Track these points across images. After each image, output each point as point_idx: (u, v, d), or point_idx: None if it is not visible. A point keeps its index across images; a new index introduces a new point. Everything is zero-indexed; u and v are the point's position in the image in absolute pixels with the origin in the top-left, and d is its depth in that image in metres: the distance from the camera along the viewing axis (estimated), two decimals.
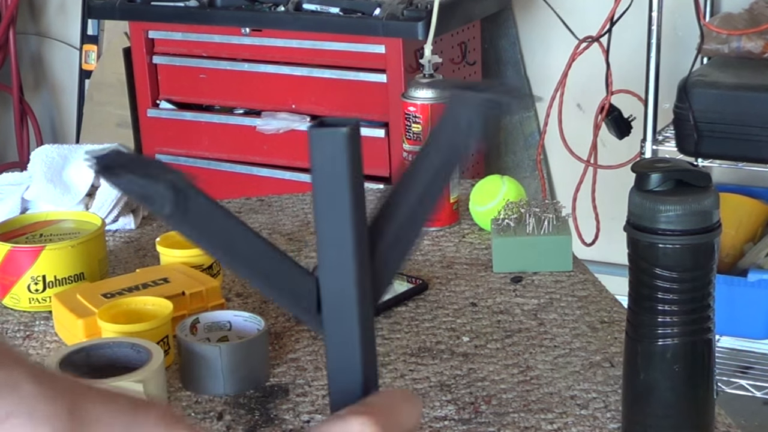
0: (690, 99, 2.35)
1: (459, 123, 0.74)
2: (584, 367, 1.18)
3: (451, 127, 0.74)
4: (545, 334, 1.26)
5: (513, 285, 1.38)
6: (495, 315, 1.31)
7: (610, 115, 2.60)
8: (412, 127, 1.53)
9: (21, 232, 1.39)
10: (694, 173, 0.95)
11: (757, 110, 2.33)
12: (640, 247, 0.95)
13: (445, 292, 1.37)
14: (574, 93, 2.76)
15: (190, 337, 1.17)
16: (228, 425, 1.09)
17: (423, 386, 1.15)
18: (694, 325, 0.96)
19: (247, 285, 1.40)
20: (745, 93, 2.36)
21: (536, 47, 3.06)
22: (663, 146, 2.52)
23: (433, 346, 1.24)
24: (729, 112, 2.34)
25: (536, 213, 1.41)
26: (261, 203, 1.71)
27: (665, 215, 0.93)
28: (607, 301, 1.33)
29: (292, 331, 1.28)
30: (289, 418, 1.10)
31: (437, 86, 0.77)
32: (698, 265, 0.95)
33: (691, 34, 2.59)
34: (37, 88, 3.73)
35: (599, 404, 1.11)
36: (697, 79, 2.40)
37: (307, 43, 2.71)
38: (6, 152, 3.79)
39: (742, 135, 2.35)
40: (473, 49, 2.89)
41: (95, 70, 3.37)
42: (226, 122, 2.89)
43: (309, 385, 1.16)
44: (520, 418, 1.09)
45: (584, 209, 2.69)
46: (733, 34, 2.48)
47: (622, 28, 2.54)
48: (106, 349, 1.14)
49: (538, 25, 3.03)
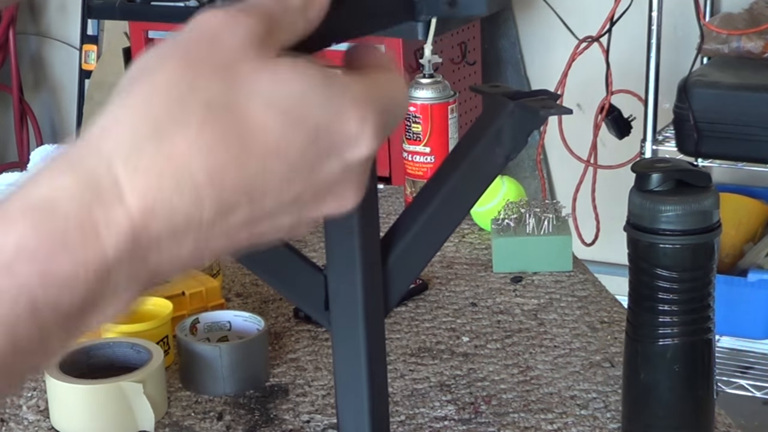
0: (690, 99, 2.35)
1: (489, 132, 0.73)
2: (584, 367, 1.18)
3: (482, 136, 0.74)
4: (545, 334, 1.26)
5: (513, 285, 1.38)
6: (495, 315, 1.31)
7: (610, 115, 2.60)
8: (411, 127, 1.53)
9: None
10: (694, 173, 0.95)
11: (757, 110, 2.33)
12: (640, 247, 0.95)
13: (445, 292, 1.37)
14: (574, 93, 2.75)
15: (190, 337, 1.17)
16: (228, 425, 1.09)
17: (423, 386, 1.15)
18: (694, 325, 0.96)
19: (247, 285, 1.40)
20: (745, 93, 2.36)
21: (536, 47, 3.06)
22: (663, 146, 2.52)
23: (433, 346, 1.24)
24: (729, 112, 2.34)
25: (536, 213, 1.41)
26: None
27: (665, 215, 0.93)
28: (607, 301, 1.33)
29: (292, 331, 1.28)
30: (289, 418, 1.10)
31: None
32: (698, 265, 0.95)
33: (691, 34, 2.59)
34: (37, 88, 3.73)
35: (599, 404, 1.11)
36: (697, 79, 2.40)
37: None
38: (6, 152, 3.79)
39: (742, 135, 2.35)
40: (473, 49, 2.89)
41: (95, 70, 3.37)
42: None
43: (309, 385, 1.16)
44: (520, 418, 1.09)
45: (584, 209, 2.69)
46: (733, 34, 2.48)
47: (622, 28, 2.53)
48: (106, 349, 1.14)
49: (538, 25, 3.03)
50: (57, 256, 0.47)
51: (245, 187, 0.50)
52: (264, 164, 0.50)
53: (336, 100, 0.52)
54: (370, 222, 0.72)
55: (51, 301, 0.47)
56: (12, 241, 0.47)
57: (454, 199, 0.74)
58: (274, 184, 0.51)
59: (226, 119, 0.49)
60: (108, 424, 1.07)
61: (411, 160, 1.55)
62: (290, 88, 0.51)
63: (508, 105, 0.71)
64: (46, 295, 0.47)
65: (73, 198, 0.48)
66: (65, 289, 0.48)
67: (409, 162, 1.55)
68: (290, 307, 1.33)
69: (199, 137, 0.49)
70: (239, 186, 0.50)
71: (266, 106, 0.50)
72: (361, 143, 0.52)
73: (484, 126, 0.73)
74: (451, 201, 0.74)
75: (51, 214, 0.47)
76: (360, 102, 0.52)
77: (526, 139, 0.71)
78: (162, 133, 0.49)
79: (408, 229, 0.75)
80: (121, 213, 0.48)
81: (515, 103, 0.71)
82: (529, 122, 0.70)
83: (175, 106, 0.49)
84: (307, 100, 0.51)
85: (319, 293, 0.75)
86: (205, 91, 0.49)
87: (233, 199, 0.50)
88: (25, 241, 0.47)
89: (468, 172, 0.73)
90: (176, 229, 0.49)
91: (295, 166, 0.51)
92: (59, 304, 0.48)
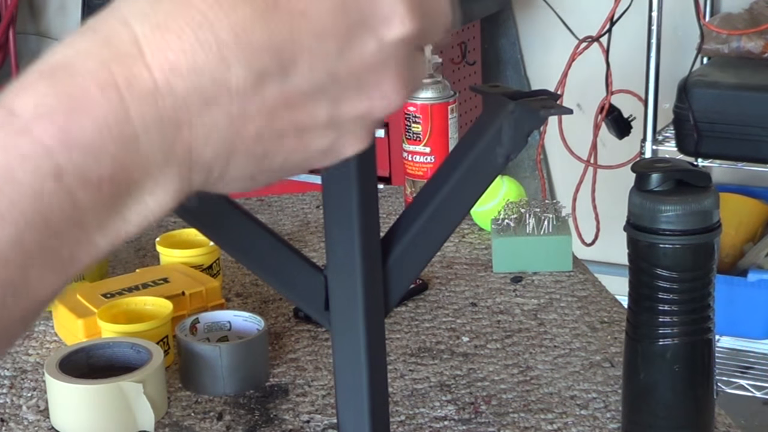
0: (690, 99, 2.35)
1: (489, 132, 0.73)
2: (584, 367, 1.18)
3: (482, 135, 0.73)
4: (545, 334, 1.26)
5: (513, 285, 1.38)
6: (495, 315, 1.31)
7: (610, 115, 2.60)
8: (411, 127, 1.53)
9: None
10: (694, 173, 0.95)
11: (757, 110, 2.33)
12: (640, 247, 0.95)
13: (445, 292, 1.37)
14: (574, 93, 2.76)
15: (190, 337, 1.17)
16: (228, 425, 1.09)
17: (423, 386, 1.15)
18: (694, 325, 0.96)
19: (247, 285, 1.40)
20: (745, 93, 2.36)
21: (536, 47, 3.06)
22: (663, 146, 2.52)
23: (433, 346, 1.24)
24: (729, 112, 2.34)
25: (536, 213, 1.41)
26: (261, 203, 1.71)
27: (665, 215, 0.93)
28: (607, 301, 1.33)
29: (292, 331, 1.28)
30: (288, 418, 1.10)
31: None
32: (698, 265, 0.95)
33: (691, 34, 2.59)
34: None
35: (599, 404, 1.11)
36: (697, 79, 2.40)
37: None
38: None
39: (742, 135, 2.35)
40: (473, 48, 2.89)
41: None
42: None
43: (309, 385, 1.16)
44: (520, 418, 1.09)
45: (584, 209, 2.69)
46: (733, 34, 2.48)
47: (622, 28, 2.53)
48: (106, 349, 1.14)
49: (538, 25, 3.03)
50: (77, 116, 0.44)
51: (273, 47, 0.47)
52: (291, 24, 0.47)
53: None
54: (370, 222, 0.72)
55: (77, 168, 0.44)
56: (30, 101, 0.44)
57: (454, 199, 0.74)
58: (303, 48, 0.48)
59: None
60: (108, 424, 1.07)
61: (411, 160, 1.55)
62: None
63: (508, 105, 0.71)
64: (71, 159, 0.44)
65: (90, 56, 0.45)
66: (90, 155, 0.44)
67: (409, 162, 1.55)
68: (290, 307, 1.33)
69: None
70: (266, 45, 0.47)
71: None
72: (394, 21, 0.50)
73: (484, 126, 0.73)
74: (451, 201, 0.74)
75: (68, 73, 0.45)
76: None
77: (526, 139, 0.71)
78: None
79: (408, 229, 0.75)
80: (142, 70, 0.45)
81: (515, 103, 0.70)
82: (530, 122, 0.70)
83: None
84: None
85: (319, 293, 0.75)
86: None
87: (261, 62, 0.47)
88: (42, 99, 0.44)
89: (468, 172, 0.73)
90: (204, 93, 0.46)
91: (325, 32, 0.48)
92: (86, 173, 0.44)
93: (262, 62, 0.47)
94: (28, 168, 0.43)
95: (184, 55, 0.46)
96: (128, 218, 0.47)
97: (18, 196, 0.43)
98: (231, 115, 0.47)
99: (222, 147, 0.48)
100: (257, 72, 0.47)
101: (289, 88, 0.48)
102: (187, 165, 0.47)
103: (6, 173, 0.43)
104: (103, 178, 0.45)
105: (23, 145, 0.44)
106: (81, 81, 0.45)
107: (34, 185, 0.43)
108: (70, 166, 0.44)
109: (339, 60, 0.49)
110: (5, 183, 0.43)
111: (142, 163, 0.46)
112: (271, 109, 0.48)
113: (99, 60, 0.45)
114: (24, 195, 0.43)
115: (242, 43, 0.46)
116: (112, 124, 0.45)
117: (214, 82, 0.46)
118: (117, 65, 0.45)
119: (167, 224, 1.48)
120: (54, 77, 0.45)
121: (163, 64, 0.45)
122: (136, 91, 0.45)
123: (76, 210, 0.45)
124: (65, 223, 0.45)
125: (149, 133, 0.45)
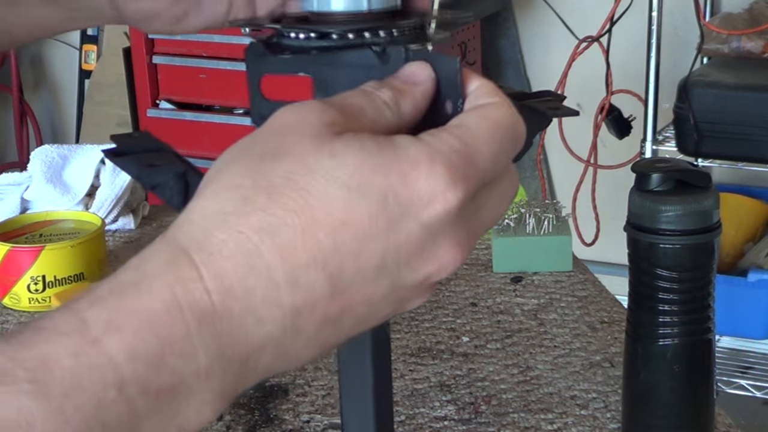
0: (690, 99, 2.35)
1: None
2: (584, 367, 1.18)
3: None
4: (545, 334, 1.26)
5: (513, 285, 1.38)
6: (495, 315, 1.31)
7: (610, 115, 2.60)
8: None
9: (21, 232, 1.39)
10: (694, 173, 0.95)
11: (757, 110, 2.33)
12: (640, 247, 0.95)
13: (445, 292, 1.37)
14: (574, 93, 2.76)
15: None
16: (228, 425, 1.09)
17: (423, 386, 1.15)
18: (694, 325, 0.96)
19: None
20: (745, 93, 2.36)
21: (536, 47, 3.06)
22: (663, 146, 2.52)
23: (433, 346, 1.24)
24: (729, 112, 2.34)
25: (536, 213, 1.41)
26: None
27: (665, 215, 0.93)
28: (607, 301, 1.33)
29: None
30: (288, 418, 1.10)
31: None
32: (698, 265, 0.95)
33: (691, 34, 2.59)
34: (37, 88, 3.73)
35: (599, 404, 1.11)
36: (697, 79, 2.41)
37: None
38: (6, 152, 3.79)
39: (742, 135, 2.35)
40: (473, 48, 2.90)
41: (95, 70, 3.37)
42: (226, 122, 2.89)
43: (309, 385, 1.16)
44: (520, 418, 1.09)
45: (584, 209, 2.69)
46: (733, 34, 2.48)
47: (622, 28, 2.54)
48: None
49: (538, 25, 3.03)
50: (143, 333, 0.49)
51: (318, 262, 0.51)
52: (333, 237, 0.51)
53: (395, 164, 0.52)
54: None
55: (139, 380, 0.48)
56: (102, 316, 0.49)
57: None
58: (348, 255, 0.52)
59: (287, 200, 0.51)
60: None
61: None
62: (346, 160, 0.52)
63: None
64: (134, 371, 0.48)
65: (155, 278, 0.50)
66: (151, 367, 0.49)
67: None
68: None
69: (263, 221, 0.51)
70: (311, 261, 0.51)
71: (326, 181, 0.51)
72: (434, 201, 0.52)
73: None
74: None
75: (137, 293, 0.50)
76: (422, 159, 0.52)
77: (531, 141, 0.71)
78: (229, 224, 0.51)
79: None
80: (203, 295, 0.50)
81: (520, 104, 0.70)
82: (536, 123, 0.70)
83: (238, 200, 0.51)
84: (366, 169, 0.52)
85: None
86: (267, 179, 0.52)
87: (308, 278, 0.51)
88: (113, 315, 0.49)
89: None
90: (257, 313, 0.51)
91: (368, 234, 0.52)
92: (147, 384, 0.49)
93: (308, 278, 0.51)
94: (94, 377, 0.48)
95: (238, 281, 0.51)
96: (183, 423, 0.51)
97: (82, 402, 0.47)
98: (285, 328, 0.52)
99: (277, 352, 0.53)
100: (305, 288, 0.52)
101: (340, 293, 0.52)
102: (243, 374, 0.52)
103: (74, 379, 0.47)
104: (162, 389, 0.49)
105: (93, 355, 0.48)
106: (148, 302, 0.49)
107: (98, 393, 0.48)
108: (133, 378, 0.48)
109: (384, 250, 0.52)
110: (72, 388, 0.47)
111: (199, 374, 0.50)
112: (324, 316, 0.53)
113: (164, 283, 0.50)
114: (87, 401, 0.47)
115: (288, 265, 0.51)
116: (174, 341, 0.49)
117: (266, 301, 0.51)
118: (180, 288, 0.50)
119: (168, 225, 1.48)
120: (123, 295, 0.50)
121: (219, 288, 0.50)
122: (197, 313, 0.50)
123: (134, 418, 0.49)
124: (122, 428, 0.49)
125: (208, 350, 0.50)
